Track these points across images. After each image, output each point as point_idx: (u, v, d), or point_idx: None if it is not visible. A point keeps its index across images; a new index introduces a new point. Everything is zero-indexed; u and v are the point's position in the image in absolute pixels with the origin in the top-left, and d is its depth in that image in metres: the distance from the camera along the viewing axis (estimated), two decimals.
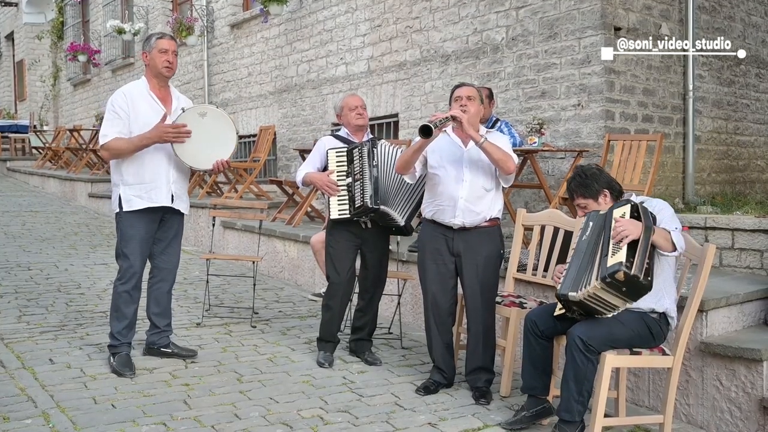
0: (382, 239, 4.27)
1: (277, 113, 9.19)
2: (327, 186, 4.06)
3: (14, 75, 21.20)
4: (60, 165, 13.67)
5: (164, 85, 4.05)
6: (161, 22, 12.03)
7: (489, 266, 3.72)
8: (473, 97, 3.69)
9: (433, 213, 3.75)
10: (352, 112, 4.24)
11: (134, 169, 3.93)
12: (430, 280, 3.78)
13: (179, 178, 4.06)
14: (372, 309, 4.32)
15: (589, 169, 3.36)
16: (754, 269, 4.31)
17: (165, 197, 3.97)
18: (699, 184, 6.27)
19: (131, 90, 4.00)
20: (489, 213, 3.69)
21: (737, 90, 6.79)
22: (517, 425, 3.32)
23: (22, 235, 8.19)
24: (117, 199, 3.98)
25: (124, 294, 3.98)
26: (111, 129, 3.88)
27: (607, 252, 3.01)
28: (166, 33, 4.30)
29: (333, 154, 4.12)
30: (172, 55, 3.98)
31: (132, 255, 3.96)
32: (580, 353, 3.05)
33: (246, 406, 3.52)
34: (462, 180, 3.64)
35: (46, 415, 3.31)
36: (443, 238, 3.72)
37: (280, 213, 7.14)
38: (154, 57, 3.95)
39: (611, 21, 5.55)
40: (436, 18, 6.83)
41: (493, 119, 5.60)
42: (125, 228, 3.97)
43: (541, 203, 5.77)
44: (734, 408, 3.43)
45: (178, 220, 4.17)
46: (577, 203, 3.34)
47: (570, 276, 3.11)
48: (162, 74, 3.97)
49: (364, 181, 3.99)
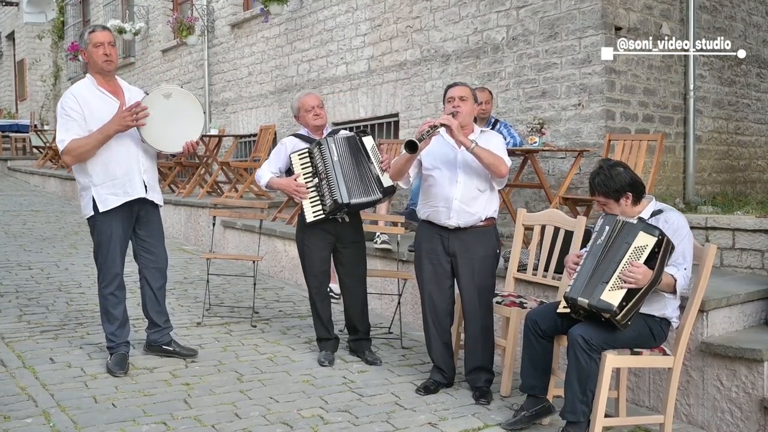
0: (357, 234, 4.22)
1: (277, 113, 9.19)
2: (295, 191, 4.02)
3: (15, 74, 21.21)
4: (60, 164, 13.66)
5: (110, 78, 3.91)
6: (162, 22, 12.03)
7: (485, 266, 3.72)
8: (466, 97, 3.67)
9: (428, 214, 3.75)
10: (309, 113, 4.16)
11: (102, 168, 3.82)
12: (426, 280, 3.78)
13: (150, 168, 3.97)
14: (360, 308, 4.26)
15: (615, 168, 3.16)
16: (755, 269, 4.30)
17: (140, 188, 3.88)
18: (700, 184, 6.26)
19: (79, 90, 3.87)
20: (484, 213, 3.69)
21: (738, 90, 6.79)
22: (517, 425, 3.32)
23: (22, 235, 8.20)
24: (90, 203, 3.86)
25: (109, 296, 3.95)
26: (66, 133, 3.76)
27: (609, 278, 2.98)
28: (99, 25, 4.11)
29: (296, 157, 4.06)
30: (109, 46, 3.80)
31: (111, 257, 3.90)
32: (582, 352, 3.04)
33: (246, 405, 3.52)
34: (456, 181, 3.63)
35: (46, 414, 3.32)
36: (439, 238, 3.72)
37: (281, 212, 7.14)
38: (91, 53, 3.81)
39: (612, 21, 5.54)
40: (436, 17, 6.83)
41: (492, 120, 5.60)
42: (103, 229, 3.88)
43: (542, 203, 5.76)
44: (735, 408, 3.43)
45: (156, 216, 4.07)
46: (597, 200, 3.23)
47: (581, 279, 3.10)
48: (103, 69, 3.83)
49: (330, 178, 3.95)
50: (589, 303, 3.00)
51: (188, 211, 8.19)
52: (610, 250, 3.06)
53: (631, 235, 3.02)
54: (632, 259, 2.98)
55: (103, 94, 3.86)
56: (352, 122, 7.90)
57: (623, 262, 2.99)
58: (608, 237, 3.09)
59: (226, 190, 8.57)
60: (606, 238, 3.09)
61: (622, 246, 3.02)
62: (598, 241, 3.13)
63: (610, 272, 3.00)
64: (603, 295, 2.98)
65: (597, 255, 3.09)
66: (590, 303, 3.00)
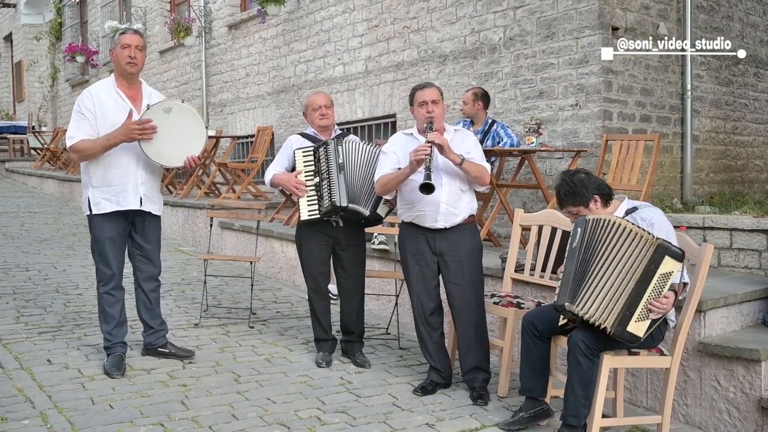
0: (356, 237, 4.20)
1: (274, 114, 9.18)
2: (295, 187, 4.02)
3: (12, 76, 21.20)
4: (58, 166, 13.66)
5: (133, 82, 3.91)
6: (159, 23, 12.02)
7: (473, 262, 3.73)
8: (438, 100, 3.65)
9: (413, 218, 3.73)
10: (315, 113, 4.16)
11: (101, 172, 3.83)
12: (414, 281, 3.78)
13: (149, 179, 3.94)
14: (356, 310, 4.25)
15: (576, 176, 3.25)
16: (753, 269, 4.30)
17: (133, 201, 3.87)
18: (697, 184, 6.27)
19: (97, 90, 3.87)
20: (467, 212, 3.72)
21: (735, 90, 6.79)
22: (515, 426, 3.31)
23: (20, 236, 8.18)
24: (86, 201, 3.90)
25: (105, 295, 3.95)
26: (78, 131, 3.77)
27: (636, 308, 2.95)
28: (131, 28, 4.18)
29: (300, 154, 4.06)
30: (135, 50, 3.82)
31: (106, 257, 3.90)
32: (584, 357, 3.04)
33: (243, 406, 3.51)
34: (441, 184, 3.60)
35: (44, 415, 3.31)
36: (424, 238, 3.72)
37: (278, 213, 7.13)
38: (118, 53, 3.83)
39: (609, 21, 5.54)
40: (433, 18, 6.83)
41: (488, 121, 5.60)
42: (97, 230, 3.90)
43: (539, 203, 5.76)
44: (732, 408, 3.43)
45: (154, 225, 4.05)
46: (568, 210, 3.28)
47: (564, 285, 3.10)
48: (126, 70, 3.83)
49: (332, 179, 3.95)
50: (614, 333, 2.98)
51: (186, 212, 8.18)
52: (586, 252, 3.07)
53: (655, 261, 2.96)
54: (659, 288, 2.96)
55: (120, 97, 3.85)
56: (350, 123, 7.90)
57: (648, 291, 2.96)
58: (581, 240, 3.11)
59: (224, 191, 8.56)
60: (579, 241, 3.10)
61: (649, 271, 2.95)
62: (573, 244, 3.14)
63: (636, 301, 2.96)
64: (630, 326, 2.97)
65: (574, 259, 3.10)
66: (614, 334, 2.98)
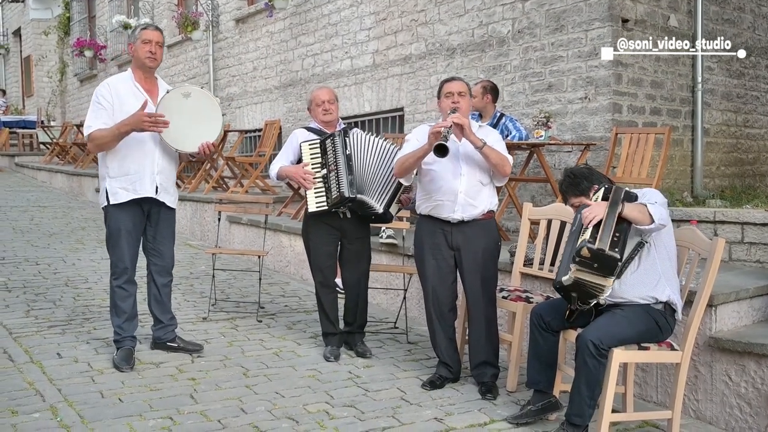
0: (362, 230, 4.21)
1: (282, 108, 9.17)
2: (302, 179, 4.01)
3: (21, 71, 21.30)
4: (67, 160, 13.72)
5: (150, 76, 3.98)
6: (167, 17, 12.02)
7: (489, 258, 3.72)
8: (464, 93, 3.66)
9: (431, 209, 3.72)
10: (318, 108, 4.17)
11: (118, 161, 3.87)
12: (430, 275, 3.76)
13: (165, 169, 3.98)
14: (359, 302, 4.27)
15: (577, 170, 3.43)
16: (764, 263, 4.26)
17: (149, 188, 3.91)
18: (708, 177, 6.21)
19: (115, 81, 3.95)
20: (486, 206, 3.70)
21: (747, 82, 6.72)
22: (523, 419, 3.31)
23: (30, 230, 8.23)
24: (104, 193, 3.94)
25: (117, 289, 3.97)
26: (95, 120, 3.84)
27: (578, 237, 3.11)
28: (153, 24, 4.23)
29: (306, 146, 4.07)
30: (156, 45, 3.90)
31: (120, 249, 3.93)
32: (592, 358, 3.02)
33: (252, 400, 3.52)
34: (460, 174, 3.62)
35: (53, 408, 3.33)
36: (441, 232, 3.71)
37: (286, 207, 7.13)
38: (138, 48, 3.90)
39: (618, 13, 5.49)
40: (441, 11, 6.79)
41: (497, 114, 5.57)
42: (112, 222, 3.94)
43: (548, 197, 5.73)
44: (744, 404, 3.40)
45: (168, 217, 4.09)
46: (572, 203, 3.38)
47: (563, 264, 3.20)
48: (145, 65, 3.90)
49: (339, 171, 3.94)
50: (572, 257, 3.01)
51: (194, 206, 8.20)
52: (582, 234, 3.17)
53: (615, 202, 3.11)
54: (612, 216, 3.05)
55: (137, 90, 3.91)
56: (357, 117, 7.88)
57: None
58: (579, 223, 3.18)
59: (232, 185, 8.57)
60: (578, 225, 3.19)
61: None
62: (573, 228, 3.29)
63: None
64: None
65: (572, 241, 3.20)
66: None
